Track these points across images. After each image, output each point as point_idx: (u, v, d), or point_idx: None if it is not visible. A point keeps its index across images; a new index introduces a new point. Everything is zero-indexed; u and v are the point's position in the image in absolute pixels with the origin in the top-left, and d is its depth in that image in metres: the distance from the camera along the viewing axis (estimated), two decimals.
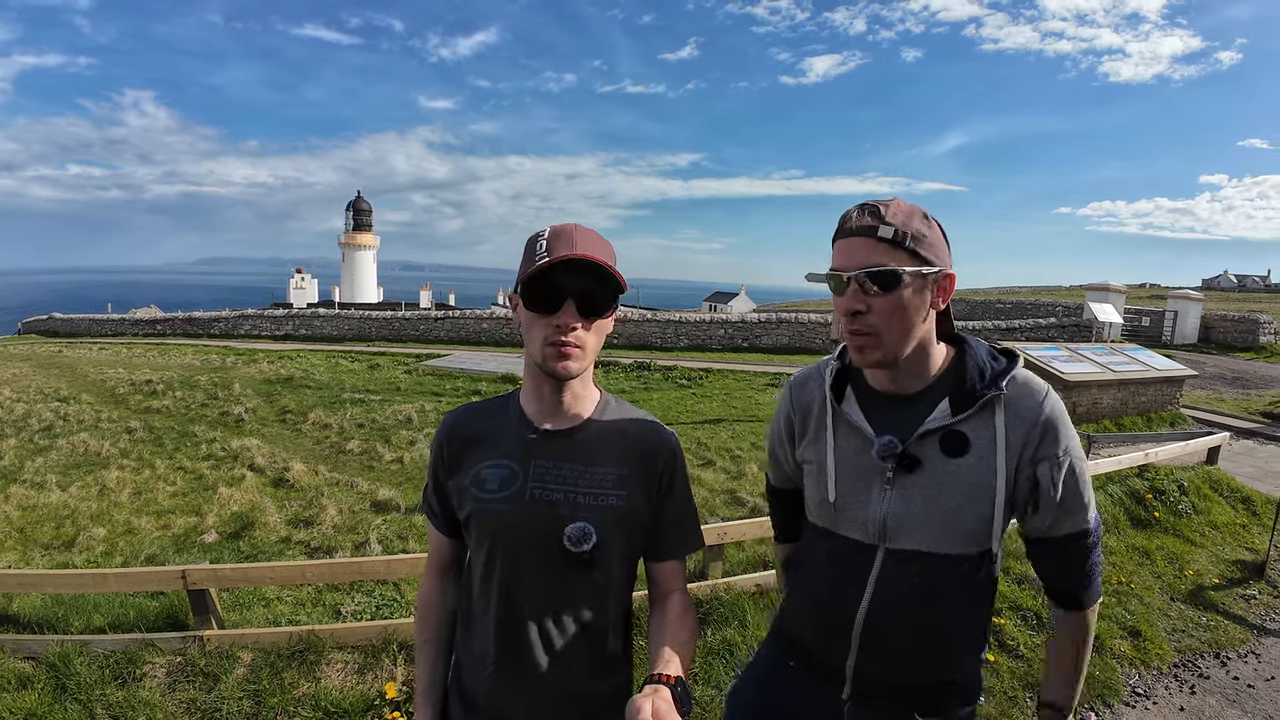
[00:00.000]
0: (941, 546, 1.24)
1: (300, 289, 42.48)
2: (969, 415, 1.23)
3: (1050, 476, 1.21)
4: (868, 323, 1.19)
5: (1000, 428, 1.22)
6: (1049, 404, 1.22)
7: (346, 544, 5.29)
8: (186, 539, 5.52)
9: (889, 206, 1.19)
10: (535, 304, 1.19)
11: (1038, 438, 1.21)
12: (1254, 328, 20.85)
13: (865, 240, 1.18)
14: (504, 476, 1.26)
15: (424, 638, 1.39)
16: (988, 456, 1.22)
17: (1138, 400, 10.03)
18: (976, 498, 1.22)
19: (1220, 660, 3.78)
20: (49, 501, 6.35)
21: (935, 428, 1.23)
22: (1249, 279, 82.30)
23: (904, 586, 1.26)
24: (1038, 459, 1.21)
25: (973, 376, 1.24)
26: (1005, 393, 1.22)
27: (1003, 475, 1.21)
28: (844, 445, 1.32)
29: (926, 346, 1.27)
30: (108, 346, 20.36)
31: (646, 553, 1.35)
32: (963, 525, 1.23)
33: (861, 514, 1.28)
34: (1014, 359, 1.27)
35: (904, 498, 1.25)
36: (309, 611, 4.03)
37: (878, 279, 1.16)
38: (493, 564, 1.26)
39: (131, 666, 3.10)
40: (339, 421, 9.26)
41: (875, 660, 1.30)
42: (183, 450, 8.05)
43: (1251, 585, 4.70)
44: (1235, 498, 6.23)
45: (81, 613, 3.72)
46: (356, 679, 3.09)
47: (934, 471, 1.23)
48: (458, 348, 19.53)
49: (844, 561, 1.32)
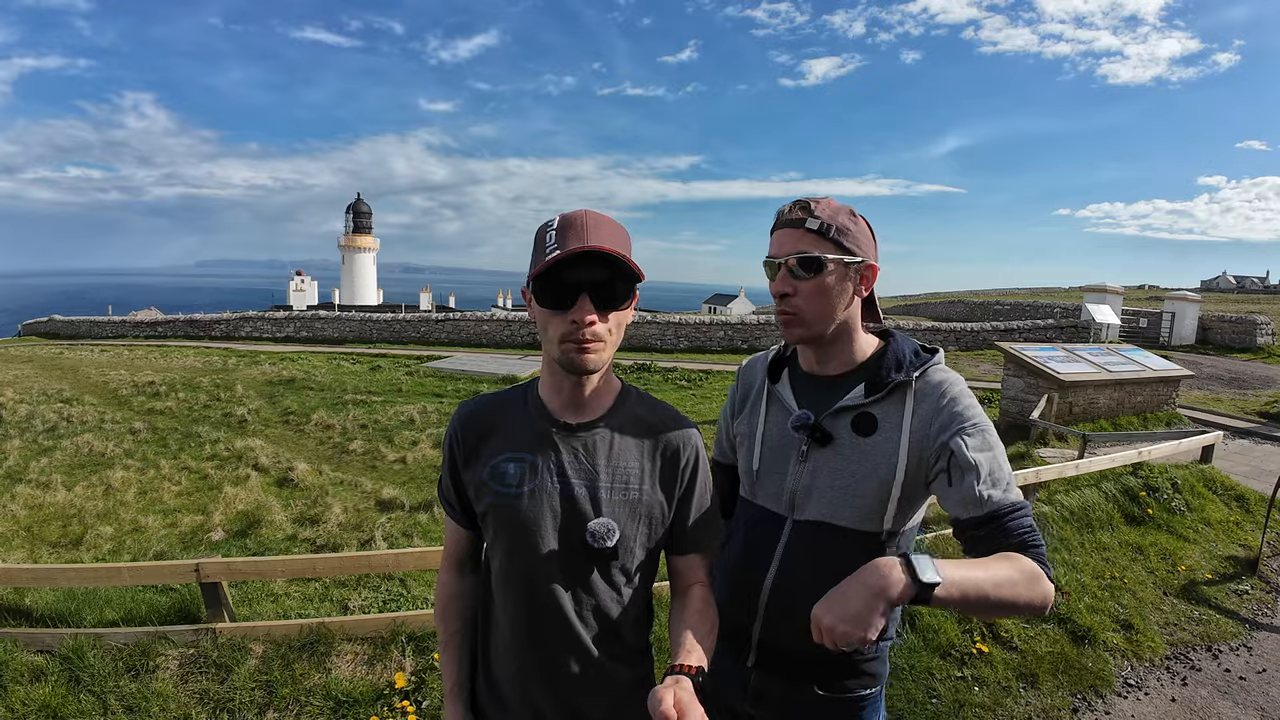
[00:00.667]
0: (841, 519, 1.32)
1: (300, 291, 42.50)
2: (880, 399, 1.31)
3: (965, 448, 1.22)
4: (793, 304, 1.32)
5: (908, 413, 1.29)
6: (956, 389, 1.29)
7: (352, 542, 5.35)
8: (194, 537, 5.58)
9: (819, 203, 1.32)
10: (548, 300, 1.15)
11: (945, 418, 1.26)
12: (1251, 329, 20.91)
13: (795, 231, 1.32)
14: (523, 470, 1.24)
15: (448, 634, 1.37)
16: (893, 437, 1.29)
17: (1134, 400, 10.10)
18: (876, 475, 1.29)
19: (1212, 653, 3.84)
20: (55, 501, 6.42)
21: (848, 406, 1.33)
22: (1248, 280, 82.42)
23: (807, 557, 1.35)
24: (948, 435, 1.24)
25: (889, 364, 1.34)
26: (914, 382, 1.31)
27: (904, 456, 1.28)
28: (773, 420, 1.44)
29: (851, 333, 1.38)
30: (109, 348, 20.41)
31: (669, 546, 1.33)
32: (861, 501, 1.30)
33: (777, 484, 1.39)
34: (935, 354, 1.37)
35: (813, 470, 1.34)
36: (316, 607, 4.09)
37: (803, 264, 1.30)
38: (513, 558, 1.24)
39: (144, 659, 3.15)
40: (342, 422, 9.33)
41: (778, 629, 1.38)
42: (187, 450, 8.12)
43: (1244, 580, 4.77)
44: (1229, 495, 6.29)
45: (93, 607, 3.77)
46: (366, 669, 3.15)
47: (843, 448, 1.32)
48: (458, 350, 19.59)
49: (757, 530, 1.41)
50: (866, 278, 1.35)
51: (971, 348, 19.96)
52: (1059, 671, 3.49)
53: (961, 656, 3.50)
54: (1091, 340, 18.65)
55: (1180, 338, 21.74)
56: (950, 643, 3.55)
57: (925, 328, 21.00)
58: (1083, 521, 5.25)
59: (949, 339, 20.33)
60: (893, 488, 1.29)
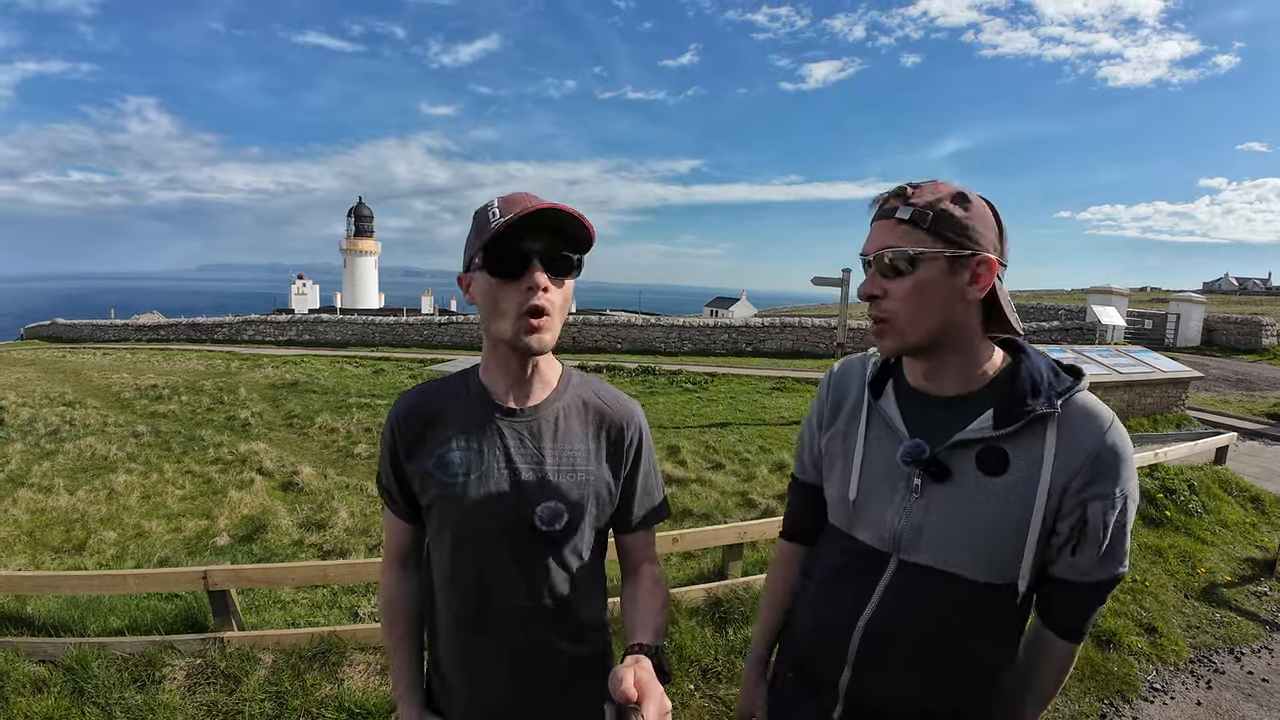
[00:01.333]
0: (961, 568, 1.12)
1: (302, 295, 42.52)
2: (1014, 431, 1.09)
3: (1102, 518, 1.06)
4: (883, 308, 1.13)
5: (1050, 451, 1.08)
6: (1113, 434, 1.07)
7: (359, 546, 5.29)
8: (198, 542, 5.52)
9: (918, 188, 1.12)
10: (501, 269, 1.13)
11: (1093, 470, 1.06)
12: (1256, 330, 20.86)
13: (885, 223, 1.13)
14: (469, 458, 1.22)
15: (396, 636, 1.36)
16: (1029, 481, 1.08)
17: (1144, 402, 10.03)
18: (1009, 524, 1.09)
19: (1235, 656, 3.80)
20: (58, 505, 6.35)
21: (973, 439, 1.11)
22: (1250, 281, 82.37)
23: (913, 604, 1.16)
24: (1089, 495, 1.06)
25: (1024, 387, 1.11)
26: (1060, 412, 1.08)
27: (1042, 505, 1.07)
28: (874, 442, 1.22)
29: (968, 344, 1.15)
30: (111, 351, 20.37)
31: (616, 525, 1.34)
32: (988, 550, 1.11)
33: (879, 517, 1.19)
34: (1079, 377, 1.14)
35: (928, 508, 1.14)
36: (325, 613, 4.02)
37: (890, 260, 1.11)
38: (461, 547, 1.23)
39: (151, 669, 3.09)
40: (346, 425, 9.26)
41: (871, 680, 1.20)
42: (190, 454, 8.05)
43: (1263, 582, 4.72)
44: (1244, 497, 6.24)
45: (98, 615, 3.71)
46: (380, 680, 3.09)
47: (966, 486, 1.11)
48: (461, 353, 19.55)
49: (853, 568, 1.23)
50: (981, 274, 1.10)
51: None
52: (1085, 677, 3.43)
53: None
54: (1098, 342, 18.59)
55: (1185, 339, 21.69)
56: None
57: None
58: None
59: None
60: (1028, 540, 1.09)
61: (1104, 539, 1.07)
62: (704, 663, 3.33)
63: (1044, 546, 1.11)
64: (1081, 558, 1.09)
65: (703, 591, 3.79)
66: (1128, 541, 1.11)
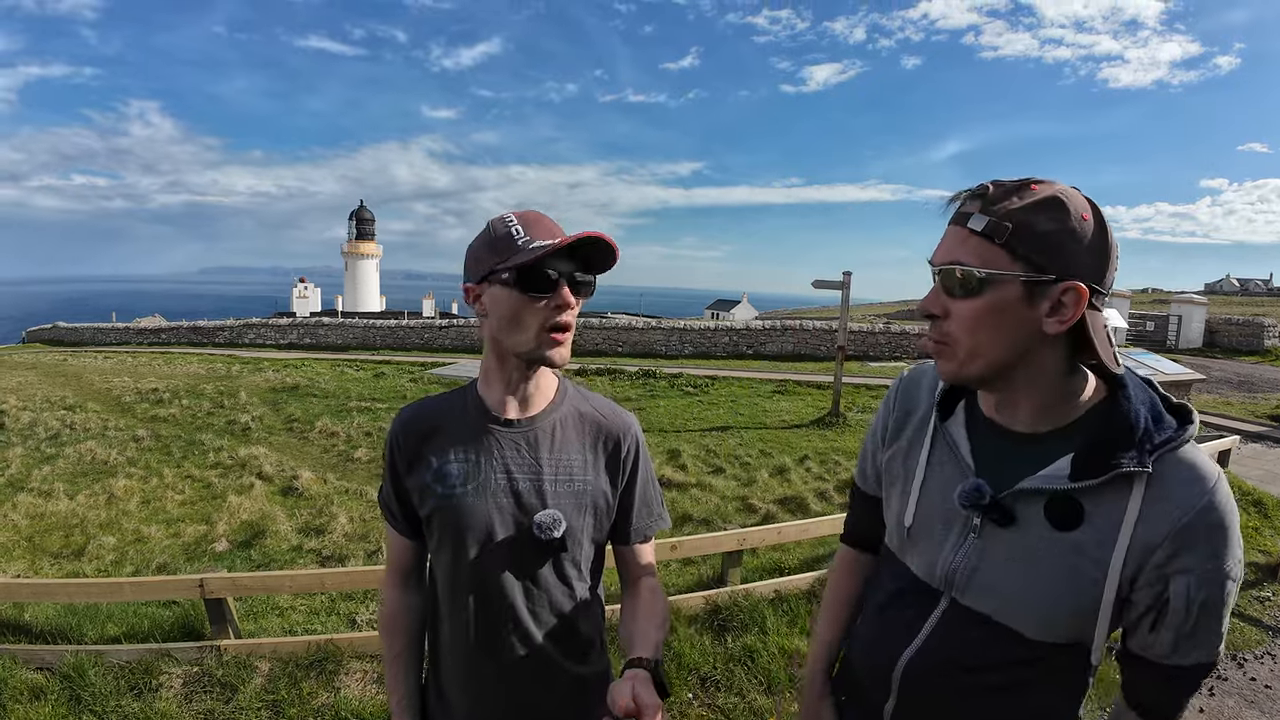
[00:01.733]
0: (1015, 622, 1.00)
1: (303, 298, 42.56)
2: (1094, 485, 0.94)
3: (1187, 595, 0.91)
4: (943, 331, 0.99)
5: (1134, 512, 0.92)
6: (1216, 500, 0.90)
7: (359, 552, 5.28)
8: (197, 547, 5.50)
9: (1003, 188, 0.94)
10: (534, 287, 1.15)
11: (1182, 541, 0.90)
12: (1259, 331, 20.81)
13: (958, 230, 0.96)
14: (466, 470, 1.23)
15: (394, 652, 1.36)
16: (1105, 543, 0.93)
17: None
18: (1073, 586, 0.95)
19: (1237, 662, 3.78)
20: (57, 510, 6.34)
21: (1044, 488, 0.97)
22: (1251, 283, 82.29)
23: (958, 647, 1.06)
24: (1175, 569, 0.91)
25: (1115, 435, 0.95)
26: (1151, 471, 0.92)
27: (1117, 571, 0.93)
28: (937, 469, 1.10)
29: (1046, 378, 0.99)
30: (113, 355, 20.39)
31: (614, 536, 1.34)
32: (1046, 610, 0.98)
33: (932, 553, 1.08)
34: (1186, 424, 0.96)
35: (986, 552, 1.02)
36: (323, 620, 4.01)
37: (957, 279, 0.95)
38: (461, 558, 1.23)
39: (147, 677, 3.08)
40: (346, 430, 9.26)
41: (914, 712, 1.12)
42: (190, 458, 8.05)
43: (1266, 587, 4.69)
44: (1247, 501, 6.21)
45: (95, 622, 3.70)
46: (377, 688, 3.07)
47: (1030, 536, 0.98)
48: (462, 356, 19.55)
49: (904, 598, 1.13)
50: (1066, 304, 0.92)
51: None
52: None
53: None
54: None
55: (1187, 341, 21.65)
56: None
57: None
58: None
59: None
60: (1100, 605, 0.95)
61: (1188, 620, 0.93)
62: (703, 671, 3.32)
63: (1118, 616, 0.97)
64: (1161, 636, 0.95)
65: (702, 599, 3.77)
66: (1222, 625, 0.95)
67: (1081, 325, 0.94)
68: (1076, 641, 0.99)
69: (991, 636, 1.02)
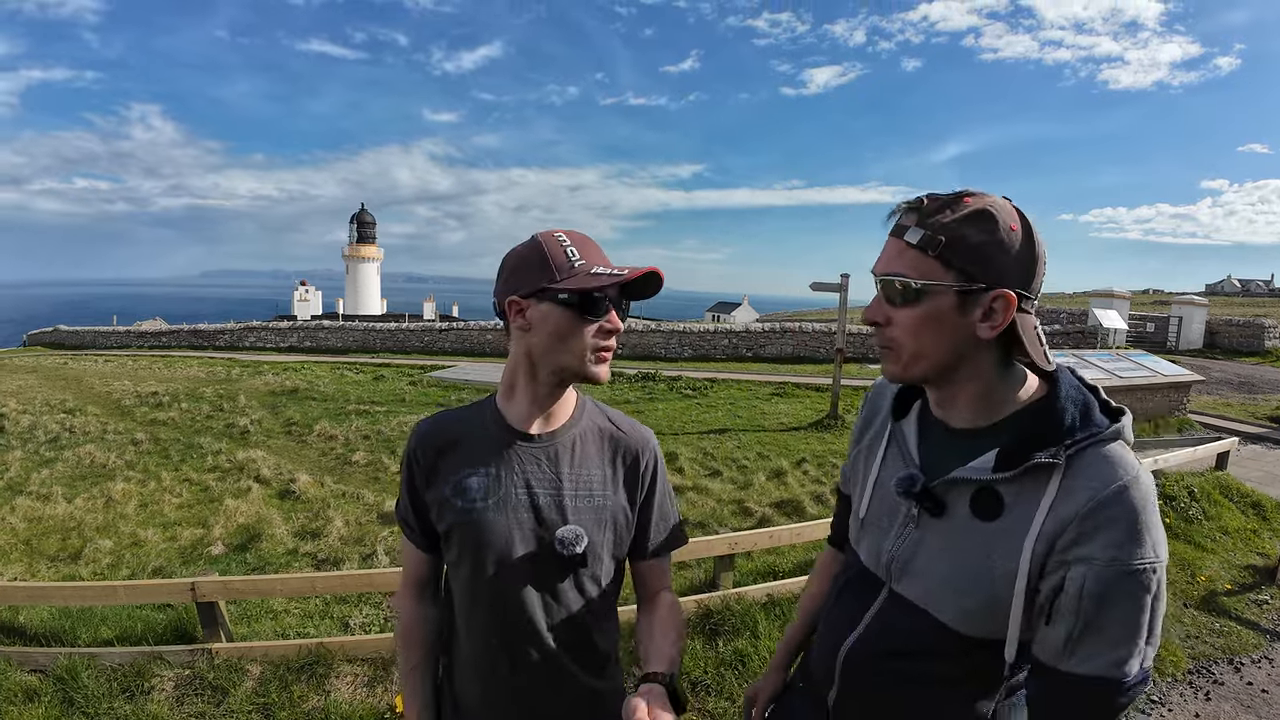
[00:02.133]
0: (939, 610, 1.04)
1: (304, 301, 42.60)
2: (1013, 476, 0.98)
3: (1081, 585, 0.91)
4: (888, 336, 1.05)
5: (1047, 502, 0.95)
6: (1129, 491, 0.91)
7: (354, 555, 5.27)
8: (193, 551, 5.50)
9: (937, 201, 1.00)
10: (590, 310, 1.18)
11: (1085, 527, 0.91)
12: (1259, 332, 20.78)
13: (896, 242, 1.02)
14: (486, 484, 1.23)
15: (410, 664, 1.36)
16: (1019, 532, 0.96)
17: (1145, 406, 9.99)
18: (991, 573, 0.98)
19: (1234, 666, 3.76)
20: (55, 513, 6.34)
21: (970, 479, 1.02)
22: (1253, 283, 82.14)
23: (893, 635, 1.11)
24: (1075, 556, 0.92)
25: (1041, 430, 0.99)
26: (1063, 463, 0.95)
27: (1028, 562, 0.95)
28: (889, 465, 1.18)
29: (979, 375, 1.04)
30: (113, 359, 20.42)
31: (632, 552, 1.34)
32: (964, 600, 1.01)
33: (878, 543, 1.15)
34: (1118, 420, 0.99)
35: (921, 541, 1.08)
36: (316, 624, 4.01)
37: (896, 289, 1.01)
38: (480, 573, 1.23)
39: (140, 679, 3.09)
40: (344, 433, 9.26)
41: (852, 701, 1.18)
42: (189, 462, 8.05)
43: (1264, 590, 4.67)
44: (1245, 503, 6.20)
45: (89, 625, 3.71)
46: (366, 692, 3.07)
47: (956, 526, 1.03)
48: (462, 359, 19.56)
49: (852, 588, 1.21)
50: (996, 311, 0.98)
51: None
52: None
53: None
54: (1100, 346, 18.53)
55: (1188, 342, 21.62)
56: None
57: None
58: None
59: None
60: (1012, 598, 0.97)
61: (1079, 615, 0.91)
62: (693, 675, 3.31)
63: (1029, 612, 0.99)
64: (1053, 631, 0.95)
65: (694, 603, 3.77)
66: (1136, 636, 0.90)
67: (1013, 328, 1.00)
68: (995, 639, 1.01)
69: (921, 626, 1.07)
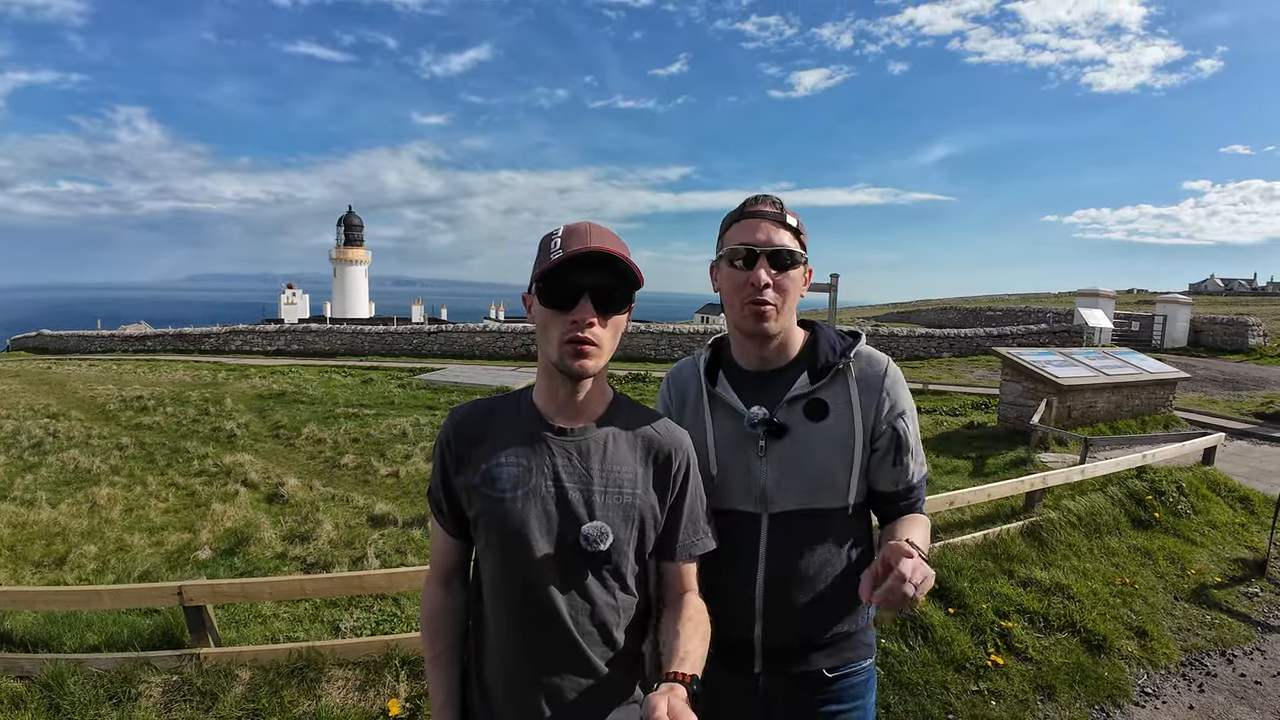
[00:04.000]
0: (815, 502, 1.39)
1: (291, 304, 42.29)
2: (824, 384, 1.40)
3: (906, 428, 1.41)
4: (773, 296, 1.36)
5: (854, 393, 1.41)
6: (890, 370, 1.44)
7: (344, 559, 5.23)
8: (180, 556, 5.45)
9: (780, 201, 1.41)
10: (551, 301, 1.18)
11: (888, 398, 1.41)
12: (1243, 330, 21.00)
13: (775, 224, 1.37)
14: (516, 475, 1.23)
15: (436, 651, 1.35)
16: (845, 417, 1.39)
17: (1131, 403, 10.06)
18: (839, 454, 1.39)
19: (1226, 658, 3.77)
20: (39, 519, 6.27)
21: (798, 395, 1.40)
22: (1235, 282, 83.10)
23: (791, 547, 1.39)
24: (894, 414, 1.41)
25: (825, 351, 1.43)
26: (852, 363, 1.42)
27: (859, 433, 1.39)
28: (720, 423, 1.45)
29: (791, 329, 1.46)
30: (97, 363, 20.20)
31: (659, 552, 1.33)
32: (829, 480, 1.39)
33: (744, 483, 1.41)
34: (858, 336, 1.48)
35: (778, 462, 1.39)
36: (306, 628, 3.97)
37: (789, 258, 1.37)
38: (506, 562, 1.23)
39: (127, 686, 3.03)
40: (333, 436, 9.20)
41: (780, 626, 1.39)
42: (174, 466, 7.98)
43: (1253, 583, 4.70)
44: (1233, 497, 6.24)
45: (74, 631, 3.65)
46: (358, 696, 3.03)
47: (800, 435, 1.39)
48: (451, 362, 19.47)
49: (734, 535, 1.39)
50: (808, 277, 1.47)
51: (965, 353, 20.00)
52: (1075, 682, 3.40)
53: (976, 669, 3.39)
54: (1085, 344, 18.67)
55: (1172, 340, 21.81)
56: (964, 655, 3.45)
57: (920, 334, 21.01)
58: (1090, 527, 5.18)
59: (943, 345, 20.34)
60: (853, 462, 1.39)
61: (911, 447, 1.42)
62: None
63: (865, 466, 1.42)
64: (903, 465, 1.42)
65: None
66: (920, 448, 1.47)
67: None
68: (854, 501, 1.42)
69: (807, 525, 1.40)
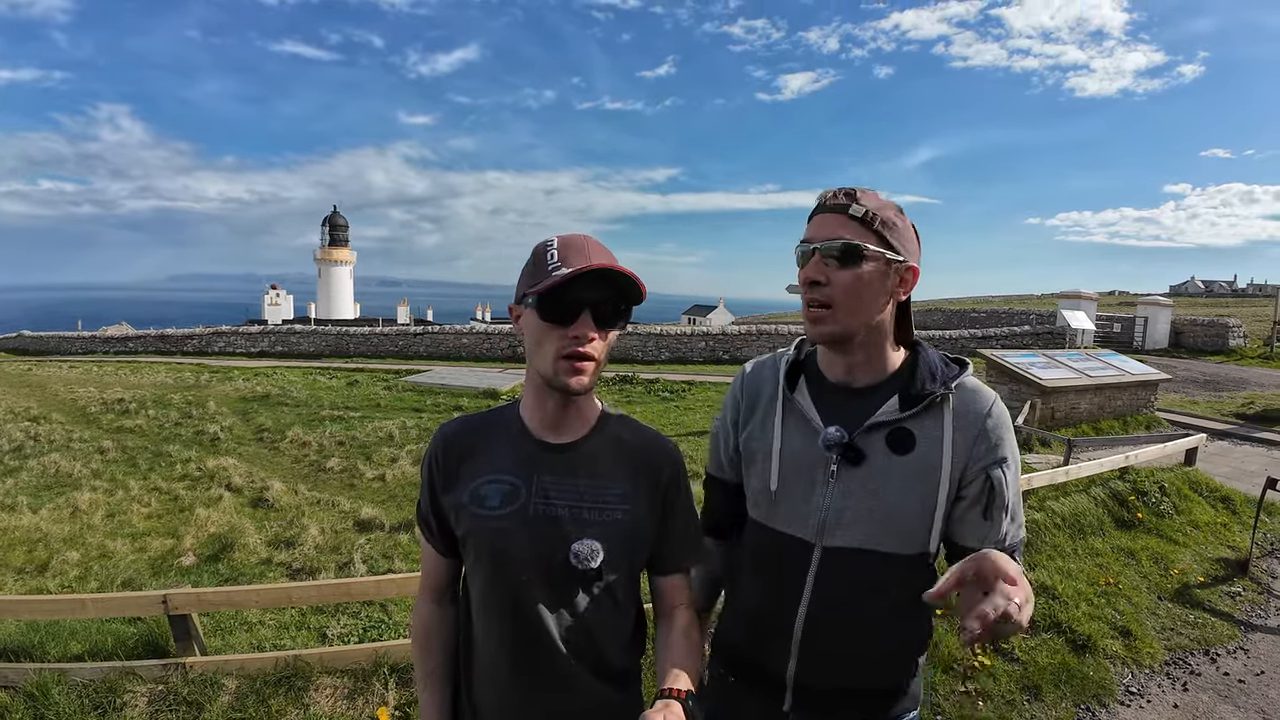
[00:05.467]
0: (880, 544, 1.22)
1: (275, 305, 41.96)
2: (916, 413, 1.21)
3: (1004, 479, 1.20)
4: (825, 294, 1.20)
5: (948, 428, 1.21)
6: (997, 409, 1.24)
7: (330, 565, 5.18)
8: (163, 562, 5.38)
9: (865, 192, 1.21)
10: (551, 315, 1.15)
11: (987, 441, 1.21)
12: (1223, 332, 21.30)
13: (837, 216, 1.20)
14: (505, 492, 1.22)
15: (428, 669, 1.33)
16: (933, 455, 1.20)
17: (1114, 404, 10.17)
18: (919, 495, 1.20)
19: (1210, 657, 3.81)
20: (20, 524, 6.17)
21: (883, 422, 1.22)
22: (1216, 284, 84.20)
23: (843, 587, 1.24)
24: (990, 462, 1.20)
25: (923, 376, 1.24)
26: (953, 394, 1.23)
27: (947, 475, 1.20)
28: (791, 434, 1.29)
29: (882, 339, 1.27)
30: (78, 364, 19.90)
31: (651, 566, 1.32)
32: (902, 523, 1.21)
33: (802, 507, 1.26)
34: (965, 366, 1.28)
35: (845, 492, 1.23)
36: (293, 635, 3.93)
37: (841, 251, 1.18)
38: (495, 581, 1.21)
39: (112, 696, 2.99)
40: (318, 439, 9.10)
41: (816, 667, 1.27)
42: (157, 470, 7.87)
43: (1236, 582, 4.77)
44: (1215, 497, 6.32)
45: (58, 640, 3.59)
46: (347, 704, 3.00)
47: (877, 467, 1.21)
48: (437, 363, 19.37)
49: (781, 562, 1.29)
50: (907, 280, 1.23)
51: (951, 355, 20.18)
52: (1061, 682, 3.43)
53: (964, 670, 3.42)
54: (1068, 346, 18.85)
55: (1154, 342, 22.08)
56: (951, 656, 3.47)
57: None
58: (1074, 527, 5.23)
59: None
60: (936, 509, 1.20)
61: (1009, 504, 1.20)
62: None
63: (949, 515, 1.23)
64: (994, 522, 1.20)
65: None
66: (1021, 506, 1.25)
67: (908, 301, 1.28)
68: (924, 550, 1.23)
69: (862, 566, 1.23)
